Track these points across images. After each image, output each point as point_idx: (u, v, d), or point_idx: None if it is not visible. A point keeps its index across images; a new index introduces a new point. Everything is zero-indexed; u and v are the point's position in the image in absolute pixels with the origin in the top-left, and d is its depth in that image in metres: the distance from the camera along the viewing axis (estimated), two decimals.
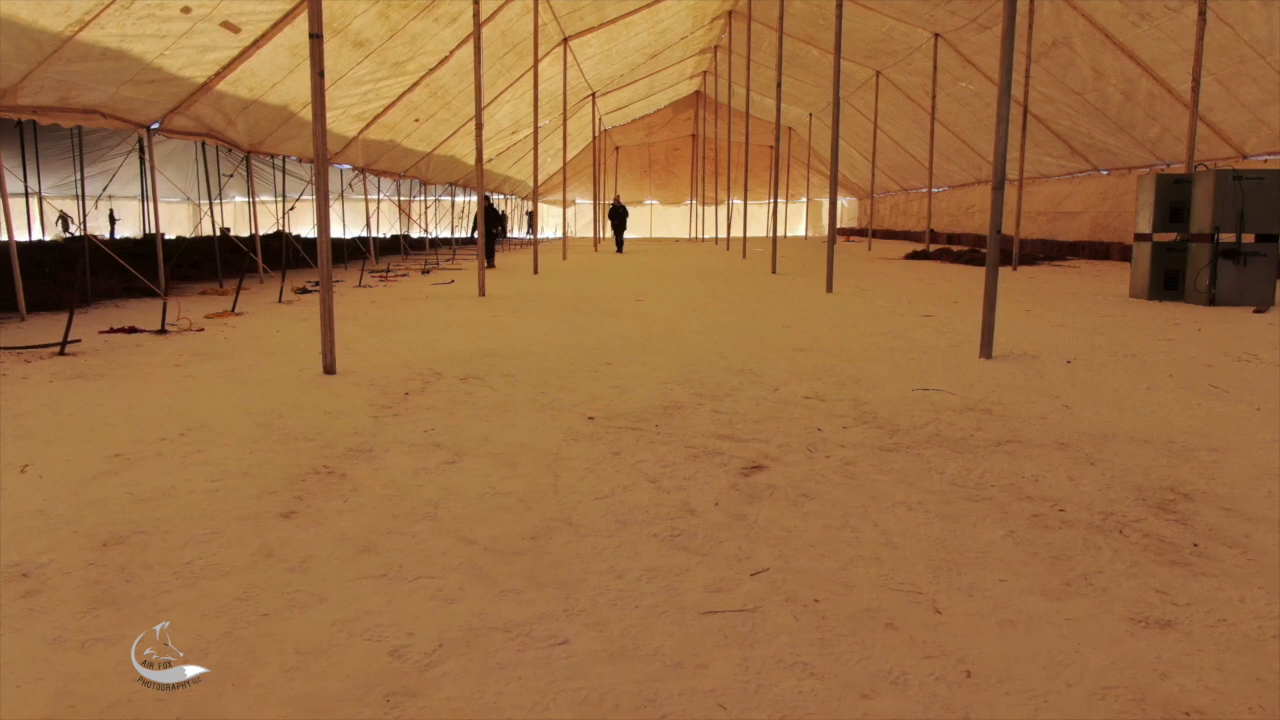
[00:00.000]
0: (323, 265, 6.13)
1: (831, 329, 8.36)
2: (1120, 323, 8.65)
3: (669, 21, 24.26)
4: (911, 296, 11.64)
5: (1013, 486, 3.44)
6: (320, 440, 4.28)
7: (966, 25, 19.71)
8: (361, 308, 10.66)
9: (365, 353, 7.12)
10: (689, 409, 4.90)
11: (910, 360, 6.49)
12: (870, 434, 4.29)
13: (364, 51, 13.65)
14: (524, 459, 3.95)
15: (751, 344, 7.39)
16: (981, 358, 6.41)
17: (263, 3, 10.39)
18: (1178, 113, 16.94)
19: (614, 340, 7.70)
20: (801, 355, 6.77)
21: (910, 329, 8.29)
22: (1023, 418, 4.59)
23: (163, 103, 11.03)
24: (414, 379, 5.91)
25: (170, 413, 4.89)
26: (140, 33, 9.24)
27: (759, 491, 3.43)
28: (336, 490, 3.50)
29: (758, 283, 14.41)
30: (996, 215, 6.41)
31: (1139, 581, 2.55)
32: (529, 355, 6.90)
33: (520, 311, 10.17)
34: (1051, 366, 6.10)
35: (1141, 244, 11.04)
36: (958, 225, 30.99)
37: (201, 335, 8.13)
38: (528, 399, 5.23)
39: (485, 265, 12.45)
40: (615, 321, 9.08)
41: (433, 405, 5.06)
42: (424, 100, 17.91)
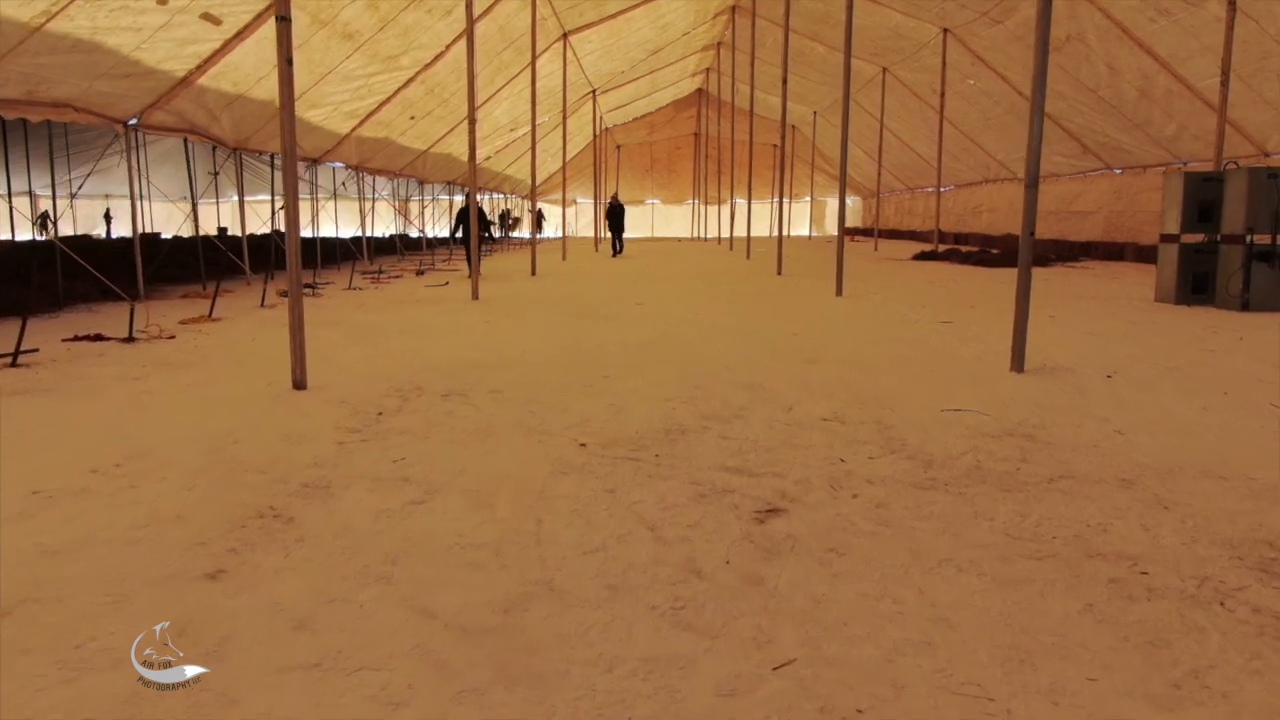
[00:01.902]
0: (291, 270, 5.61)
1: (844, 337, 7.83)
2: (1153, 330, 8.11)
3: (671, 16, 23.73)
4: (925, 300, 11.10)
5: (1078, 539, 2.91)
6: (273, 473, 3.76)
7: (977, 19, 19.16)
8: (347, 312, 10.15)
9: (343, 363, 6.60)
10: (693, 433, 4.37)
11: (933, 373, 5.96)
12: (901, 466, 3.76)
13: (354, 44, 13.13)
14: (504, 497, 3.42)
15: (759, 354, 6.86)
16: (1013, 371, 5.87)
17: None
18: (1196, 110, 16.41)
19: (612, 349, 7.18)
20: (814, 368, 6.23)
21: (928, 337, 7.75)
22: (1072, 446, 4.06)
23: (140, 97, 10.51)
24: (391, 395, 5.39)
25: (112, 436, 4.36)
26: (114, 25, 8.72)
27: (777, 543, 2.90)
28: (280, 540, 2.98)
29: (763, 285, 13.88)
30: (1030, 216, 5.88)
31: (1267, 683, 2.01)
32: (520, 366, 6.37)
33: (514, 316, 9.64)
34: (1091, 382, 5.56)
35: (1168, 245, 10.49)
36: (964, 225, 30.44)
37: (172, 343, 7.61)
38: (514, 420, 4.70)
39: (474, 270, 11.90)
40: (614, 328, 8.55)
41: (407, 428, 4.54)
42: (420, 97, 17.39)
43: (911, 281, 14.48)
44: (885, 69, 26.19)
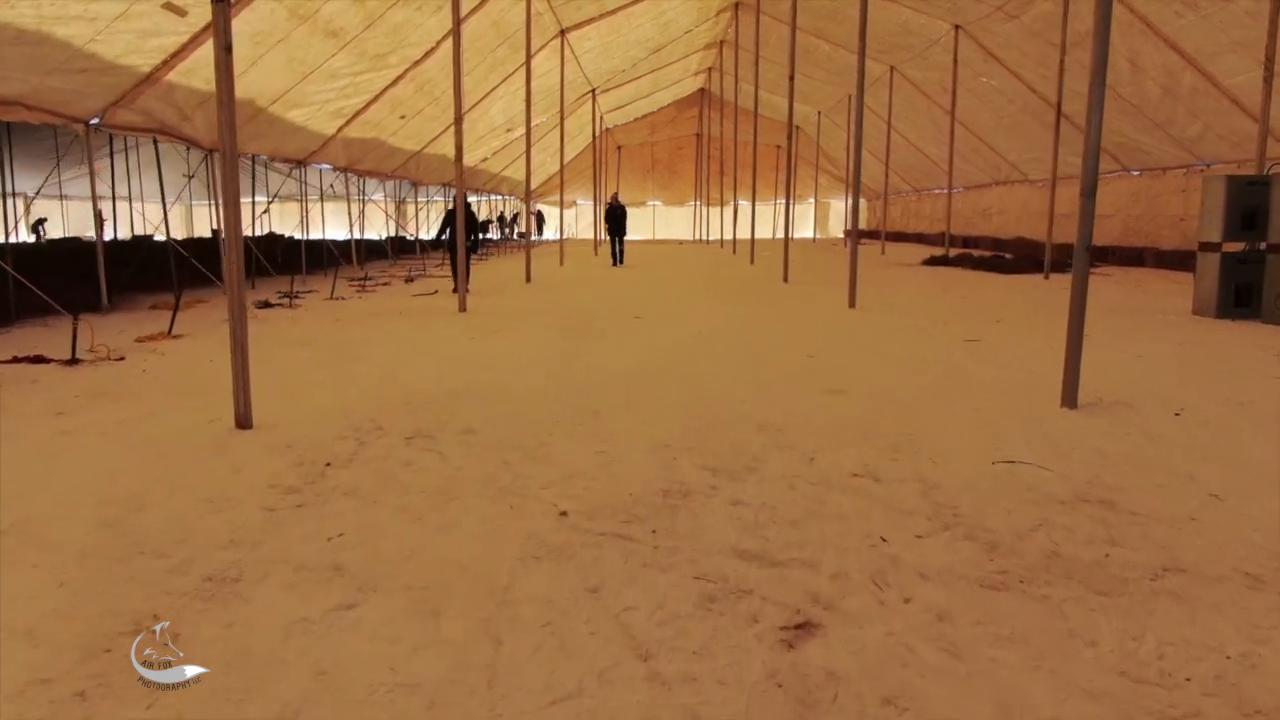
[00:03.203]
0: (231, 291, 4.85)
1: (864, 359, 7.08)
2: (1205, 352, 7.35)
3: (673, 14, 22.97)
4: (945, 313, 10.34)
5: (1222, 681, 2.16)
6: (176, 556, 3.01)
7: (992, 14, 18.39)
8: (323, 326, 9.40)
9: (303, 392, 5.85)
10: (698, 496, 3.62)
11: (972, 408, 5.21)
12: (959, 551, 3.01)
13: (339, 42, 12.38)
14: (456, 600, 2.68)
15: (771, 380, 6.11)
16: (1064, 407, 5.11)
17: None
18: (1224, 109, 15.65)
19: (606, 375, 6.43)
20: (835, 400, 5.48)
21: (957, 359, 7.00)
22: (1164, 518, 3.30)
23: (101, 94, 9.78)
24: (347, 436, 4.64)
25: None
26: (62, 14, 7.99)
27: (814, 690, 2.15)
28: (148, 674, 2.23)
29: (769, 294, 13.13)
30: (1086, 228, 5.12)
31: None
32: (501, 397, 5.62)
33: (502, 332, 8.89)
34: (1157, 421, 4.81)
35: (1208, 255, 9.73)
36: (973, 228, 29.67)
37: (119, 366, 6.86)
38: (484, 475, 3.95)
39: (460, 282, 11.13)
40: (609, 347, 7.80)
41: (354, 487, 3.79)
42: (410, 95, 16.65)
43: (925, 290, 13.72)
44: (893, 67, 25.43)
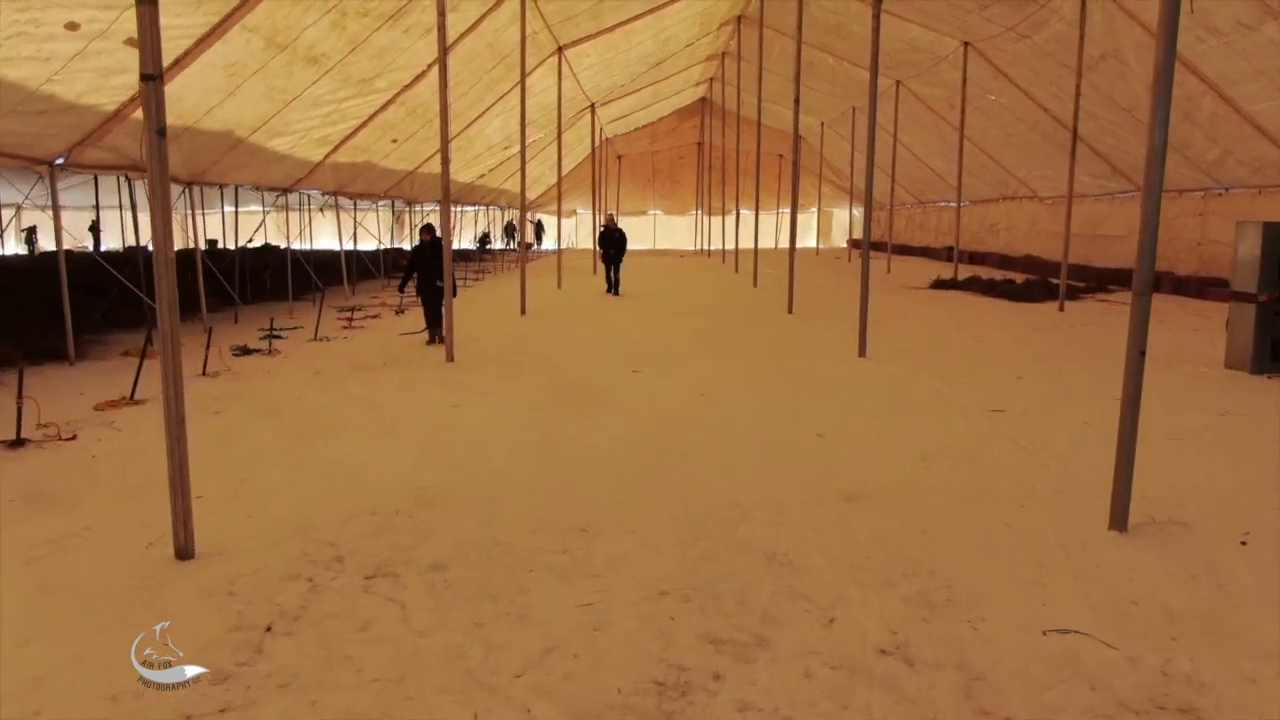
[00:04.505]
0: (168, 401, 4.24)
1: (879, 441, 6.50)
2: (1249, 427, 6.76)
3: (674, 29, 22.39)
4: (960, 364, 9.77)
5: None
6: None
7: (1003, 34, 17.80)
8: (298, 384, 8.80)
9: (260, 495, 5.26)
10: (699, 694, 3.04)
11: (1005, 523, 4.63)
12: None
13: (320, 68, 11.81)
14: None
15: (779, 479, 5.53)
16: (1112, 530, 4.53)
17: (179, 16, 8.55)
18: (1245, 134, 15.10)
19: (599, 461, 5.86)
20: (852, 512, 4.90)
21: (983, 442, 6.41)
22: None
23: (64, 135, 9.20)
24: (299, 575, 4.06)
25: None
26: (12, 55, 7.42)
27: None
28: None
29: (774, 334, 12.54)
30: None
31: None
32: (479, 504, 5.03)
33: (489, 395, 8.30)
34: (1224, 556, 4.21)
35: (1242, 305, 9.14)
36: (981, 243, 29.08)
37: (67, 450, 6.28)
38: (450, 648, 3.37)
39: (433, 333, 10.47)
40: (603, 420, 7.21)
41: (295, 672, 3.20)
42: (401, 119, 16.08)
43: (936, 326, 13.13)
44: (899, 82, 24.86)
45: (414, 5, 12.05)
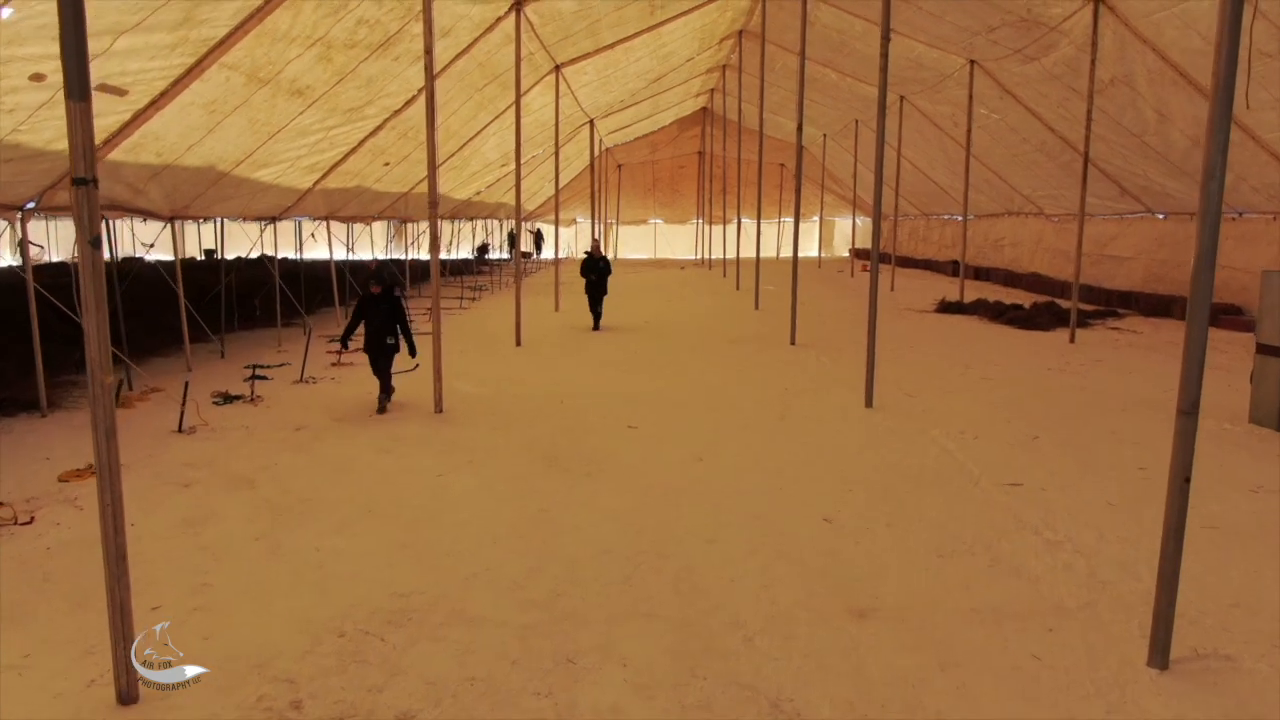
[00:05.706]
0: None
1: (890, 526, 6.08)
2: None
3: (674, 45, 21.98)
4: (972, 413, 9.35)
5: None
6: None
7: (1010, 55, 17.38)
8: (276, 444, 8.36)
9: (222, 602, 4.84)
10: None
11: (1033, 659, 4.21)
12: None
13: (305, 100, 11.39)
14: None
15: (783, 584, 5.11)
16: (1151, 666, 4.11)
17: (154, 60, 8.13)
18: (1260, 161, 14.70)
19: (588, 561, 5.45)
20: (864, 635, 4.48)
21: (1003, 533, 6.00)
22: None
23: (34, 181, 8.80)
24: None
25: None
26: None
27: None
28: None
29: (776, 372, 12.12)
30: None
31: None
32: (454, 625, 4.61)
33: (476, 459, 7.87)
34: (1272, 701, 3.80)
35: (1269, 359, 8.72)
36: (985, 258, 28.67)
37: (20, 540, 5.85)
38: None
39: (382, 403, 9.74)
40: (596, 491, 6.80)
41: None
42: (392, 143, 15.66)
43: (945, 364, 12.70)
44: (903, 96, 24.46)
45: (403, 34, 11.66)
